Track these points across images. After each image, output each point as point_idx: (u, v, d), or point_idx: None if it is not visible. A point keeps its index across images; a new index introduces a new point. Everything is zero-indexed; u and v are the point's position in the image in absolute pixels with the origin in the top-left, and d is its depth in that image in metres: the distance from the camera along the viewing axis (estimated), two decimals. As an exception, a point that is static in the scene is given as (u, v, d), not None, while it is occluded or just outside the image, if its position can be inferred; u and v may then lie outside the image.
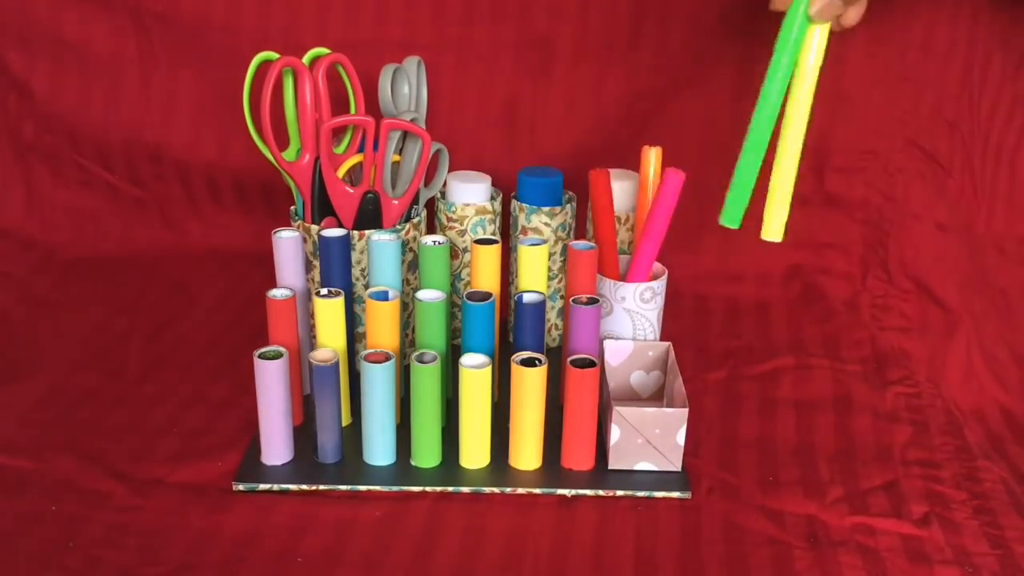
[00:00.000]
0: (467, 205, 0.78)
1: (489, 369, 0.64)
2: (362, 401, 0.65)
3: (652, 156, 0.71)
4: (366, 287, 0.73)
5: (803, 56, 0.59)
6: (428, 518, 0.62)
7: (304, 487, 0.64)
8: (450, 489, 0.65)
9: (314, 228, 0.73)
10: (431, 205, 0.79)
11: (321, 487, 0.64)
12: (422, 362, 0.65)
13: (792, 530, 0.62)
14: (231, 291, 0.91)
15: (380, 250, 0.69)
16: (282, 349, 0.64)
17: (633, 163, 0.74)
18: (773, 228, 0.61)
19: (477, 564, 0.59)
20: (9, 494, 0.63)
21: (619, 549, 0.60)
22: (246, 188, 0.96)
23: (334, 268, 0.70)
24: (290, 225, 0.74)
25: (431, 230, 0.81)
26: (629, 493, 0.64)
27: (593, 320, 0.67)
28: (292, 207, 0.76)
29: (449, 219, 0.78)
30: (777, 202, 0.61)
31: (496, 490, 0.65)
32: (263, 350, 0.64)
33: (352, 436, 0.68)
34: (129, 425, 0.71)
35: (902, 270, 0.88)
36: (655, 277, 0.72)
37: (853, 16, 0.65)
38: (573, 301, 0.68)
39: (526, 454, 0.66)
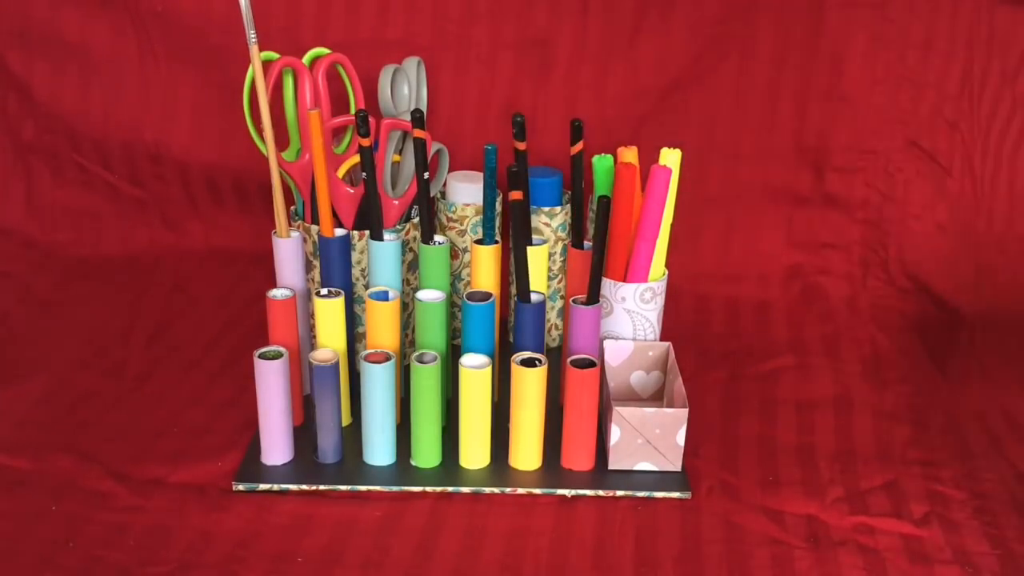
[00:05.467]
0: (467, 205, 0.78)
1: (489, 369, 0.64)
2: (362, 401, 0.65)
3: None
4: (366, 287, 0.73)
5: None
6: (428, 518, 0.62)
7: (304, 487, 0.64)
8: (450, 489, 0.65)
9: (314, 228, 0.73)
10: (431, 205, 0.79)
11: (321, 487, 0.64)
12: (422, 362, 0.65)
13: (792, 530, 0.62)
14: (231, 291, 0.91)
15: (380, 250, 0.69)
16: (282, 349, 0.64)
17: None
18: None
19: (477, 564, 0.59)
20: (9, 494, 0.63)
21: (619, 549, 0.60)
22: (246, 188, 0.96)
23: (334, 268, 0.70)
24: (290, 225, 0.73)
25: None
26: (629, 493, 0.64)
27: (593, 320, 0.67)
28: (292, 207, 0.76)
29: (449, 219, 0.78)
30: None
31: (496, 490, 0.65)
32: (263, 350, 0.64)
33: (352, 436, 0.68)
34: (129, 425, 0.71)
35: (902, 270, 0.88)
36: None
37: None
38: (573, 301, 0.68)
39: (526, 454, 0.66)
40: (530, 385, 0.64)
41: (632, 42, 0.87)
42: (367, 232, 0.71)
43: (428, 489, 0.64)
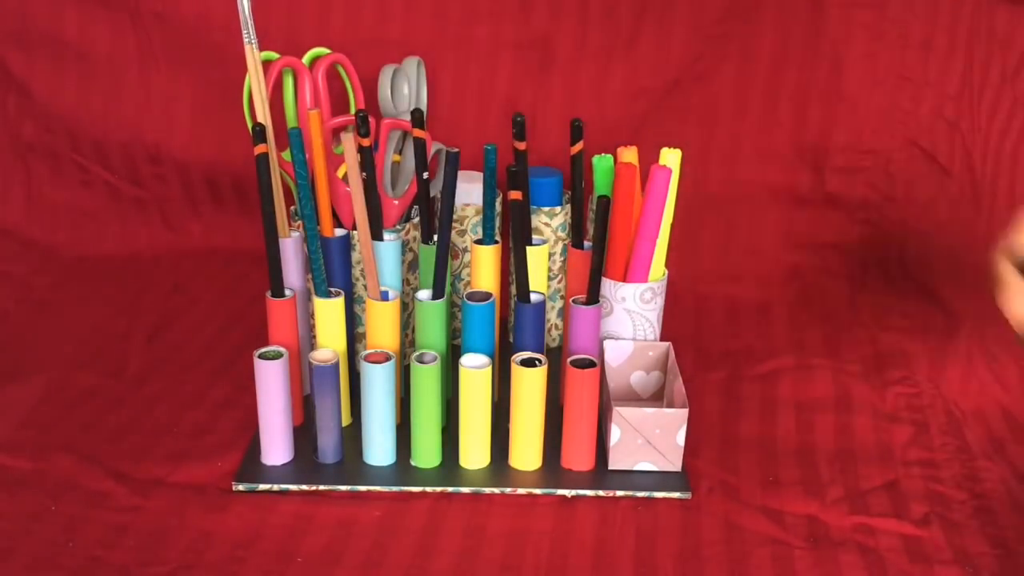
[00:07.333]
0: (467, 205, 0.78)
1: (489, 369, 0.64)
2: (362, 401, 0.65)
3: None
4: (366, 287, 0.73)
5: None
6: (428, 518, 0.62)
7: (304, 487, 0.64)
8: (450, 489, 0.65)
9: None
10: (431, 205, 0.79)
11: (321, 487, 0.64)
12: (422, 362, 0.65)
13: (792, 530, 0.62)
14: (231, 291, 0.91)
15: (380, 250, 0.69)
16: (282, 349, 0.64)
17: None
18: None
19: (477, 564, 0.59)
20: (9, 494, 0.63)
21: (619, 549, 0.60)
22: (246, 188, 0.96)
23: (334, 268, 0.70)
24: (290, 225, 0.73)
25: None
26: (629, 493, 0.64)
27: (593, 320, 0.67)
28: (292, 207, 0.75)
29: (449, 219, 0.78)
30: None
31: (496, 490, 0.65)
32: (263, 350, 0.64)
33: (352, 436, 0.68)
34: (129, 425, 0.71)
35: (902, 270, 0.88)
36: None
37: None
38: (573, 301, 0.68)
39: (526, 454, 0.66)
40: (530, 385, 0.64)
41: (632, 42, 0.87)
42: (367, 232, 0.72)
43: (428, 489, 0.64)
